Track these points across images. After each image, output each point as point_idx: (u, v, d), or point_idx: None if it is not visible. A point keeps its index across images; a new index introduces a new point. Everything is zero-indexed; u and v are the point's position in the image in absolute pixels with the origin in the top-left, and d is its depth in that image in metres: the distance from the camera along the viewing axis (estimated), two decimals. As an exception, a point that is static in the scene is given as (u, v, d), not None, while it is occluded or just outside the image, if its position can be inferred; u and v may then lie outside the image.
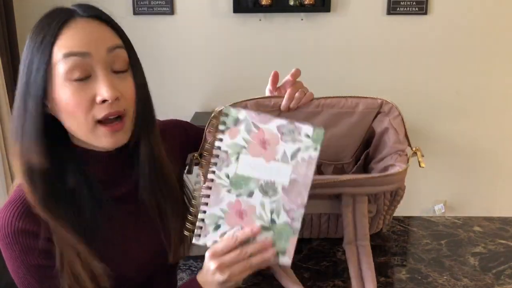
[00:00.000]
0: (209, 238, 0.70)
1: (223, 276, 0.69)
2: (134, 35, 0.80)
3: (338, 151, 1.11)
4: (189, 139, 0.99)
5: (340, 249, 1.00)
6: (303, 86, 1.04)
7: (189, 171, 0.97)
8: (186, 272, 1.08)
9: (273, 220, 0.71)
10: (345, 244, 0.94)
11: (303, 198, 0.71)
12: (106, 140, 0.72)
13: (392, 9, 2.32)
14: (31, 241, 0.71)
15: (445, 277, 0.91)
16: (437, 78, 2.42)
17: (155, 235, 0.83)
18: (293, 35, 2.38)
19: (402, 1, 2.31)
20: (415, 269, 0.95)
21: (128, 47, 0.75)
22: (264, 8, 2.29)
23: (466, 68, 2.40)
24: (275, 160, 0.67)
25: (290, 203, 0.71)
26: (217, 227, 0.69)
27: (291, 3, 2.31)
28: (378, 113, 1.06)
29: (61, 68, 0.68)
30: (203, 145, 0.98)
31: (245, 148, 0.66)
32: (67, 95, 0.69)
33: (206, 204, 0.68)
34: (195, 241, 0.71)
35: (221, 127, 0.66)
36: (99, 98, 0.69)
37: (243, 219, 0.70)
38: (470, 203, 2.59)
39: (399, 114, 1.03)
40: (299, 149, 0.68)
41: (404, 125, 1.03)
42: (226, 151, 0.66)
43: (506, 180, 2.55)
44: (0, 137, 2.01)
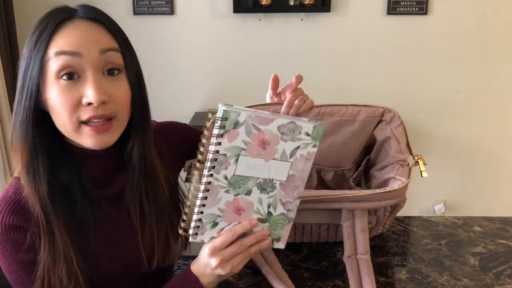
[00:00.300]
0: (206, 236, 0.71)
1: (225, 270, 0.71)
2: (134, 35, 0.80)
3: (339, 158, 1.11)
4: (187, 141, 0.98)
5: (340, 249, 1.00)
6: (303, 93, 1.03)
7: (188, 179, 0.96)
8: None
9: (269, 213, 0.72)
10: (345, 258, 0.93)
11: (300, 191, 0.72)
12: (90, 141, 0.72)
13: (392, 9, 2.32)
14: (22, 237, 0.72)
15: (445, 277, 0.91)
16: (437, 78, 2.42)
17: (137, 239, 0.82)
18: (293, 35, 2.38)
19: (402, 1, 2.31)
20: (415, 269, 0.95)
21: (124, 51, 0.74)
22: (264, 8, 2.29)
23: (466, 68, 2.40)
24: (274, 159, 0.67)
25: (287, 196, 0.72)
26: (215, 224, 0.70)
27: (291, 3, 2.30)
28: (380, 122, 1.05)
29: (52, 66, 0.69)
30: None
31: (244, 149, 0.64)
32: (55, 93, 0.69)
33: (204, 205, 0.67)
34: (192, 239, 0.71)
35: (220, 131, 0.63)
36: (85, 100, 0.69)
37: (240, 215, 0.70)
38: (470, 203, 2.59)
39: (401, 123, 1.02)
40: (298, 147, 0.67)
41: (406, 134, 1.02)
42: (224, 154, 0.64)
43: (506, 180, 2.55)
44: (0, 137, 2.01)
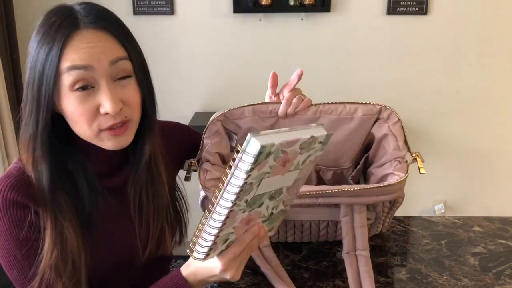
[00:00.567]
0: (216, 252, 0.70)
1: (238, 276, 0.72)
2: (134, 35, 0.80)
3: (337, 157, 1.11)
4: (187, 141, 1.01)
5: (340, 249, 1.00)
6: (301, 93, 1.04)
7: (187, 178, 0.97)
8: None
9: (272, 214, 0.73)
10: (344, 254, 0.93)
11: (299, 189, 0.74)
12: (111, 144, 0.76)
13: (392, 9, 2.32)
14: (21, 213, 0.74)
15: (445, 277, 0.91)
16: (437, 78, 2.42)
17: (134, 230, 0.86)
18: (293, 35, 2.38)
19: (402, 1, 2.31)
20: (415, 269, 0.95)
21: (133, 56, 0.76)
22: (264, 8, 2.29)
23: (466, 68, 2.40)
24: (289, 171, 0.65)
25: (288, 196, 0.72)
26: (227, 240, 0.69)
27: (291, 3, 2.30)
28: (378, 119, 1.05)
29: (66, 79, 0.71)
30: (201, 151, 0.98)
31: (268, 173, 0.61)
32: (72, 105, 0.72)
33: (221, 230, 0.64)
34: (204, 259, 0.69)
35: (252, 166, 0.56)
36: (102, 111, 0.73)
37: (249, 224, 0.70)
38: (470, 203, 2.59)
39: (399, 120, 1.02)
40: (309, 155, 0.66)
41: (404, 131, 1.02)
42: (251, 183, 0.60)
43: (506, 180, 2.55)
44: (0, 137, 2.01)
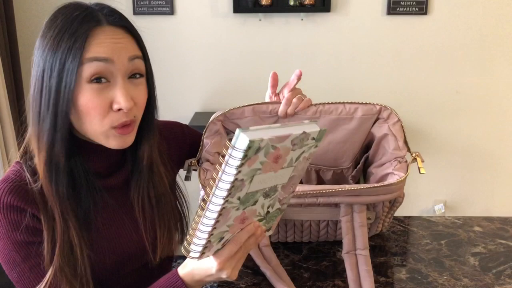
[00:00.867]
0: (212, 251, 0.70)
1: (234, 275, 0.72)
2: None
3: (337, 157, 1.11)
4: (186, 141, 1.01)
5: (340, 248, 1.00)
6: (301, 93, 1.04)
7: (187, 177, 0.97)
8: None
9: (268, 212, 0.73)
10: (344, 254, 0.93)
11: (295, 187, 0.74)
12: (116, 142, 0.77)
13: (392, 9, 2.32)
14: (18, 217, 0.74)
15: (445, 277, 0.91)
16: (437, 78, 2.42)
17: (137, 231, 0.86)
18: (293, 35, 2.38)
19: (402, 1, 2.31)
20: (415, 269, 0.95)
21: (146, 58, 0.80)
22: (264, 8, 2.29)
23: (466, 68, 2.40)
24: (282, 168, 0.65)
25: (284, 194, 0.72)
26: (221, 239, 0.69)
27: (291, 3, 2.30)
28: (377, 119, 1.05)
29: (85, 71, 0.71)
30: (201, 151, 0.98)
31: (260, 169, 0.61)
32: (86, 97, 0.72)
33: (215, 228, 0.65)
34: (199, 258, 0.69)
35: (242, 161, 0.57)
36: (116, 106, 0.73)
37: (244, 223, 0.70)
38: (470, 203, 2.59)
39: (398, 120, 1.02)
40: (303, 152, 0.66)
41: (404, 131, 1.02)
42: (242, 179, 0.60)
43: (506, 180, 2.55)
44: (0, 137, 2.01)
